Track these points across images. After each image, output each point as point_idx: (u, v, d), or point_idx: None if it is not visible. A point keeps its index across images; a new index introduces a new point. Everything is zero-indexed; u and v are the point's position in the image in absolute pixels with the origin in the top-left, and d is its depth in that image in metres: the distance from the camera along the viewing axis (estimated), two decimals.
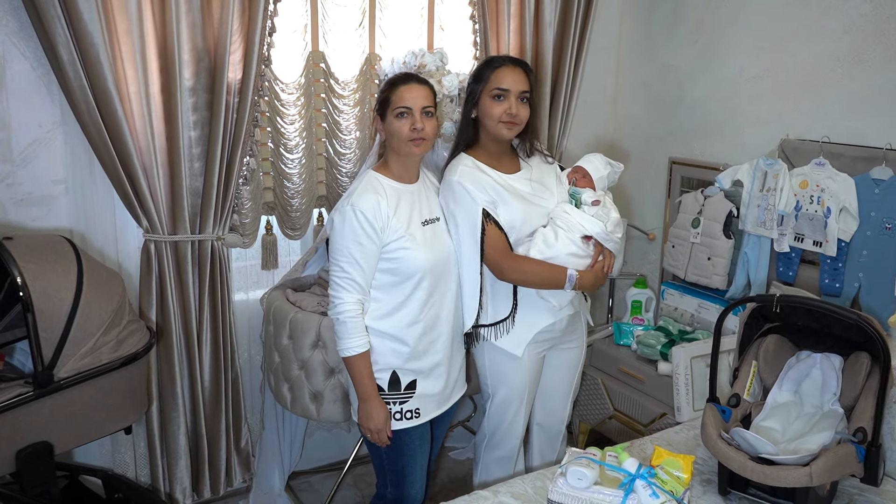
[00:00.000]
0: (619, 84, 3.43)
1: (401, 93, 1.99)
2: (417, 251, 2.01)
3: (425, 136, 2.00)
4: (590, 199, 2.21)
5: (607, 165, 2.28)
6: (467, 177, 2.13)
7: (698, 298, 2.93)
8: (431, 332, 2.10)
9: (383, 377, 2.06)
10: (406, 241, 1.99)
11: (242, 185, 2.50)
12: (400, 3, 2.72)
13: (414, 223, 2.04)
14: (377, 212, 1.95)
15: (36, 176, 2.29)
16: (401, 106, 1.98)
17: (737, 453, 1.77)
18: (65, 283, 1.87)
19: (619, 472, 1.71)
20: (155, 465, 2.56)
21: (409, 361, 2.07)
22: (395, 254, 1.99)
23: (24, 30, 2.16)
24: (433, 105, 2.04)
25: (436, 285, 2.08)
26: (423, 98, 2.00)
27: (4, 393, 1.81)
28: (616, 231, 2.20)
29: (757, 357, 2.09)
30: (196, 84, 2.33)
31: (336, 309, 1.97)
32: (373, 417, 2.02)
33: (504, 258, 2.15)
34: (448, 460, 3.20)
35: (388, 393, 2.06)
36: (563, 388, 2.48)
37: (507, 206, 2.15)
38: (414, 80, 2.03)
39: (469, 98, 2.18)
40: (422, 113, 1.99)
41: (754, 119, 2.80)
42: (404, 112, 1.98)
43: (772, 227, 2.58)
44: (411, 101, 1.98)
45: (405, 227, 2.00)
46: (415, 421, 2.10)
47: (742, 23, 2.81)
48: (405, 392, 2.08)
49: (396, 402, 2.07)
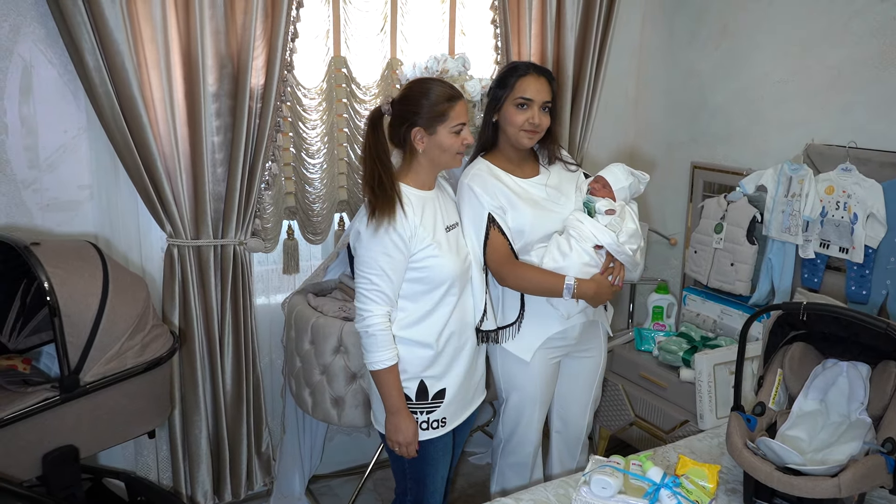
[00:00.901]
0: (640, 88, 3.41)
1: (459, 110, 1.98)
2: (445, 258, 2.00)
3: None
4: (603, 209, 2.19)
5: (629, 176, 2.26)
6: (478, 181, 2.15)
7: (721, 304, 2.91)
8: (460, 337, 2.10)
9: (411, 387, 2.04)
10: (434, 249, 1.98)
11: (264, 189, 2.51)
12: (421, 8, 2.72)
13: (439, 230, 2.03)
14: (404, 221, 1.94)
15: (62, 181, 2.31)
16: (459, 123, 1.98)
17: (763, 463, 1.75)
18: (91, 289, 1.89)
19: (643, 482, 1.69)
20: (177, 469, 2.58)
21: (436, 368, 2.06)
22: (423, 262, 1.97)
23: (51, 37, 2.19)
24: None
25: (462, 291, 2.08)
26: (466, 112, 2.03)
27: (32, 397, 1.83)
28: (630, 242, 2.17)
29: (782, 365, 2.07)
30: (219, 90, 2.35)
31: (364, 322, 1.94)
32: (402, 431, 1.99)
33: (504, 265, 2.15)
34: (467, 465, 3.19)
35: (415, 402, 2.04)
36: (580, 397, 2.47)
37: (516, 212, 2.15)
38: (461, 96, 2.03)
39: (492, 103, 2.18)
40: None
41: (779, 124, 2.77)
42: (460, 129, 1.99)
43: (797, 233, 2.55)
44: (465, 117, 2.00)
45: (432, 235, 1.99)
46: (441, 430, 2.09)
47: (767, 27, 2.78)
48: (433, 401, 2.06)
49: (423, 411, 2.06)
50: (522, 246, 2.18)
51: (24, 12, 2.15)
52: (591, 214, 2.19)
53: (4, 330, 2.11)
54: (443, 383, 2.07)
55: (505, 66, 2.25)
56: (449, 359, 2.08)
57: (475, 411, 2.26)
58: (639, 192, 2.30)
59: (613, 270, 2.18)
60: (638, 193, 2.30)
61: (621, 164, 2.29)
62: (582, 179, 2.30)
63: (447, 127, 1.96)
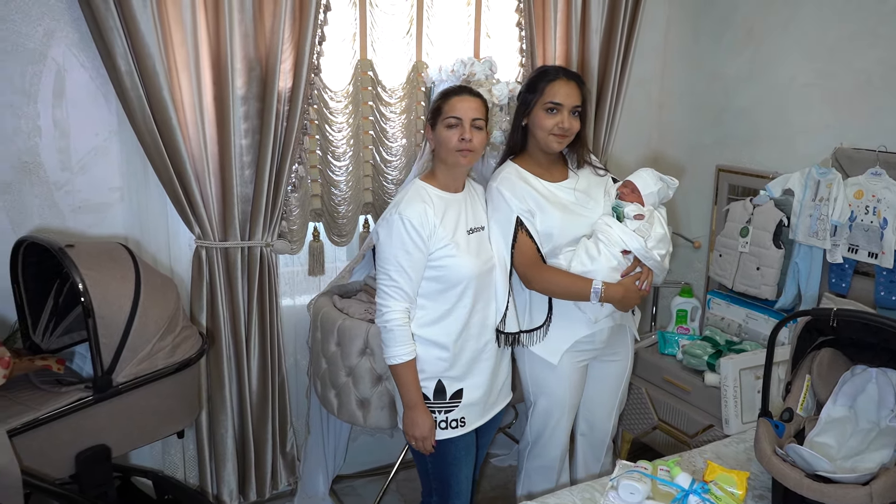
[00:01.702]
0: (664, 91, 3.40)
1: (453, 103, 2.01)
2: (462, 259, 2.02)
3: (472, 148, 2.01)
4: (632, 213, 2.19)
5: (658, 181, 2.25)
6: (506, 184, 2.16)
7: (746, 308, 2.89)
8: (479, 338, 2.12)
9: (429, 386, 2.07)
10: (451, 249, 2.01)
11: (291, 192, 2.53)
12: (447, 12, 2.73)
13: (459, 231, 2.05)
14: (424, 220, 1.97)
15: (93, 183, 2.35)
16: (451, 116, 2.00)
17: (792, 470, 1.73)
18: (124, 290, 1.91)
19: (671, 487, 1.69)
20: (203, 468, 2.60)
21: (455, 369, 2.08)
22: (440, 262, 2.01)
23: (84, 41, 2.22)
24: (484, 118, 2.04)
25: (481, 293, 2.10)
26: (473, 110, 2.01)
27: (66, 397, 1.85)
28: (658, 248, 2.17)
29: (810, 371, 2.05)
30: (247, 93, 2.37)
31: (383, 317, 1.99)
32: (418, 425, 2.03)
33: (531, 268, 2.16)
34: (490, 467, 3.20)
35: (433, 402, 2.07)
36: (607, 401, 2.47)
37: (545, 215, 2.16)
38: (467, 92, 2.05)
39: (521, 107, 2.19)
40: (471, 125, 2.00)
41: (806, 127, 2.75)
42: (454, 122, 2.00)
43: (824, 238, 2.53)
44: (462, 112, 2.00)
45: (451, 236, 2.02)
46: (460, 430, 2.10)
47: (793, 30, 2.76)
48: (451, 401, 2.09)
49: (441, 411, 2.08)
50: (550, 249, 2.18)
51: (57, 17, 2.18)
52: (620, 219, 2.19)
53: (38, 330, 2.14)
54: (461, 384, 2.10)
55: (535, 71, 2.25)
56: (467, 360, 2.10)
57: (500, 413, 2.27)
58: (668, 196, 2.29)
59: (641, 275, 2.17)
60: (667, 198, 2.29)
61: (650, 169, 2.28)
62: (610, 184, 2.30)
63: (442, 121, 2.01)
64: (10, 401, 1.85)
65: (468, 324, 2.08)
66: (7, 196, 2.22)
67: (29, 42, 2.16)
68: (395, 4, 2.61)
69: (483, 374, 2.15)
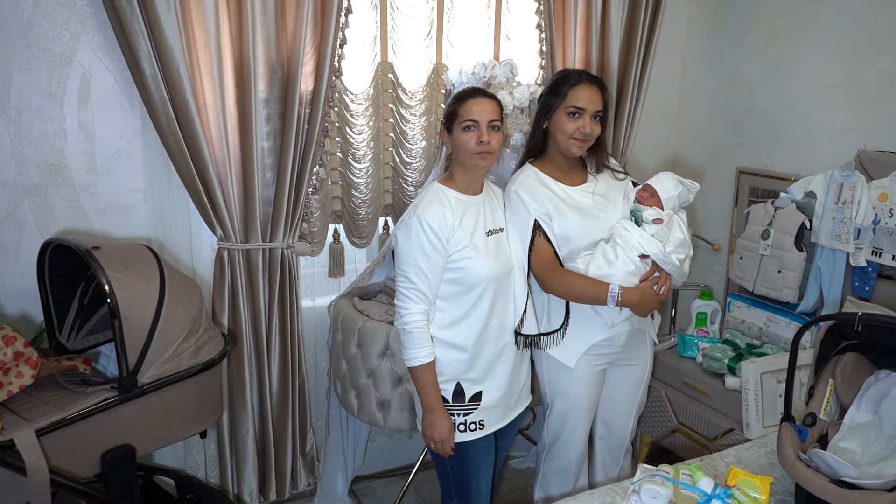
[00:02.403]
0: (684, 92, 3.38)
1: (468, 106, 2.01)
2: (480, 261, 2.02)
3: (491, 150, 2.02)
4: (651, 218, 2.19)
5: (678, 185, 2.24)
6: (525, 187, 2.16)
7: (767, 312, 2.87)
8: (498, 341, 2.12)
9: (448, 388, 2.08)
10: (470, 252, 2.01)
11: (312, 194, 2.54)
12: (467, 14, 2.73)
13: (478, 234, 2.06)
14: (442, 223, 1.98)
15: (117, 185, 2.37)
16: (468, 119, 2.00)
17: (817, 476, 1.72)
18: (149, 292, 1.93)
19: (693, 492, 1.69)
20: (224, 467, 2.63)
21: (474, 372, 2.09)
22: (459, 264, 2.01)
23: (109, 44, 2.24)
24: (499, 119, 2.05)
25: (500, 295, 2.10)
26: (489, 112, 2.01)
27: (92, 397, 1.88)
28: (677, 252, 2.16)
29: (834, 375, 2.04)
30: (269, 96, 2.38)
31: (402, 319, 2.00)
32: (437, 428, 2.03)
33: (548, 271, 2.16)
34: (508, 469, 3.20)
35: (452, 404, 2.08)
36: (625, 404, 2.47)
37: (563, 218, 2.15)
38: (481, 94, 2.05)
39: (542, 109, 2.19)
40: (488, 126, 2.00)
41: (829, 129, 2.73)
42: (471, 125, 2.00)
43: (848, 241, 2.51)
44: (479, 115, 2.00)
45: (469, 238, 2.02)
46: (479, 433, 2.11)
47: (817, 30, 2.74)
48: (469, 404, 2.10)
49: (461, 413, 2.09)
50: (568, 253, 2.18)
51: (84, 21, 2.21)
52: (639, 223, 2.18)
53: (63, 330, 2.17)
54: (480, 386, 2.10)
55: (557, 74, 2.25)
56: (486, 363, 2.10)
57: (520, 415, 2.27)
58: (688, 201, 2.28)
59: (659, 280, 2.17)
60: (687, 202, 2.28)
61: (670, 173, 2.27)
62: (630, 187, 2.30)
63: (459, 125, 2.00)
64: (37, 400, 1.88)
65: (487, 326, 2.08)
66: (34, 198, 2.25)
67: (56, 46, 2.19)
68: (415, 7, 2.62)
69: (502, 376, 2.15)
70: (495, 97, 2.08)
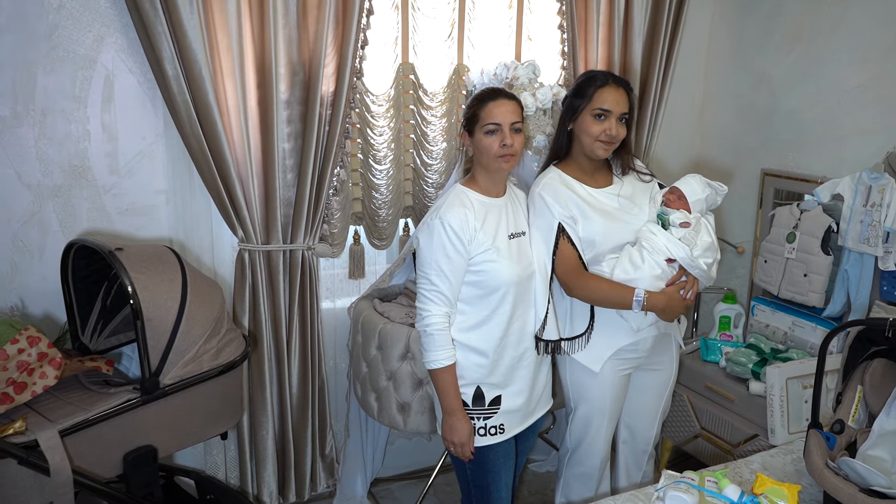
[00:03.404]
0: (707, 93, 3.34)
1: (490, 109, 1.98)
2: (502, 264, 2.00)
3: (514, 152, 1.99)
4: (678, 221, 2.15)
5: (706, 188, 2.20)
6: (549, 189, 2.14)
7: (792, 316, 2.83)
8: (518, 345, 2.10)
9: (468, 392, 2.06)
10: (492, 255, 1.99)
11: (333, 195, 2.54)
12: (489, 15, 2.71)
13: (500, 237, 2.03)
14: (465, 225, 1.96)
15: (139, 186, 2.38)
16: (490, 122, 1.97)
17: (846, 484, 1.69)
18: (171, 293, 1.94)
19: (719, 500, 1.65)
20: (244, 469, 2.63)
21: (495, 376, 2.07)
22: (480, 266, 1.99)
23: (132, 47, 2.25)
24: (521, 120, 2.02)
25: (521, 299, 2.08)
26: (511, 113, 1.98)
27: (115, 398, 1.88)
28: (704, 256, 2.13)
29: (862, 382, 2.00)
30: (291, 97, 2.38)
31: (424, 321, 1.98)
32: (456, 431, 2.02)
33: (572, 275, 2.14)
34: (527, 472, 3.18)
35: (472, 408, 2.06)
36: (649, 410, 2.44)
37: (588, 221, 2.13)
38: (503, 96, 2.02)
39: (568, 111, 2.16)
40: (511, 129, 1.98)
41: (856, 131, 2.68)
42: (494, 129, 1.97)
43: (876, 244, 2.46)
44: (501, 117, 1.97)
45: (491, 241, 2.00)
46: (499, 437, 2.09)
47: (844, 30, 2.70)
48: (489, 408, 2.08)
49: (481, 417, 2.07)
50: (593, 256, 2.16)
51: (108, 23, 2.22)
52: (665, 227, 2.14)
53: (86, 331, 2.18)
54: (500, 390, 2.08)
55: (583, 75, 2.22)
56: (507, 367, 2.08)
57: (540, 419, 2.25)
58: (716, 203, 2.24)
59: (686, 284, 2.14)
60: (715, 205, 2.24)
61: (698, 176, 2.24)
62: (656, 190, 2.26)
63: (480, 128, 1.98)
64: (60, 401, 1.89)
65: (508, 330, 2.06)
66: (57, 199, 2.27)
67: (80, 48, 2.20)
68: (436, 8, 2.61)
69: (522, 381, 2.13)
70: (516, 97, 2.05)
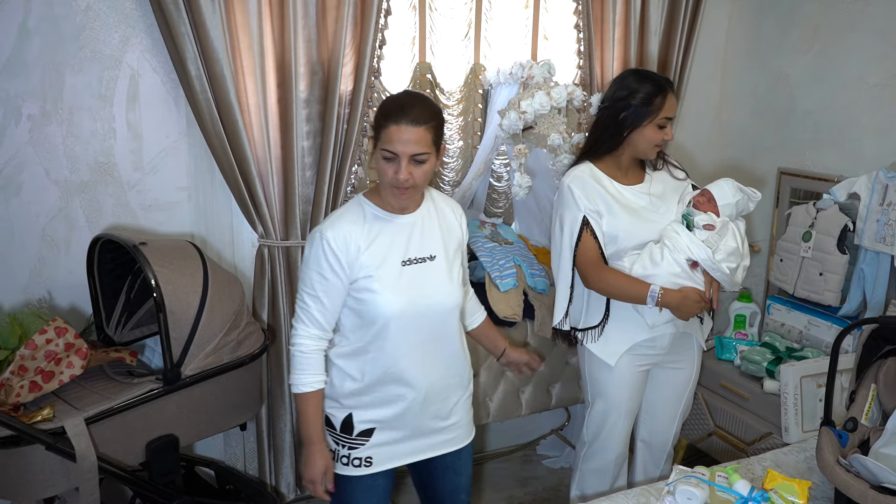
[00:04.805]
0: (724, 92, 3.34)
1: (390, 134, 1.66)
2: (384, 295, 1.73)
3: (411, 185, 1.70)
4: (702, 223, 2.16)
5: (738, 192, 2.20)
6: (578, 182, 2.15)
7: (808, 315, 2.83)
8: (399, 383, 1.80)
9: (338, 416, 1.84)
10: (370, 283, 1.73)
11: (351, 193, 2.58)
12: (505, 14, 2.75)
13: (389, 262, 1.76)
14: (346, 243, 1.72)
15: (163, 183, 2.44)
16: (386, 149, 1.68)
17: (857, 481, 1.69)
18: (193, 287, 1.99)
19: (729, 494, 1.67)
20: (262, 460, 2.68)
21: (371, 411, 1.82)
22: (360, 294, 1.75)
23: (157, 47, 2.31)
24: (429, 150, 1.69)
25: (411, 334, 1.78)
26: (414, 144, 1.66)
27: (138, 388, 1.94)
28: (728, 261, 2.12)
29: (876, 380, 2.00)
30: (310, 96, 2.42)
31: (292, 340, 1.80)
32: (308, 466, 1.80)
33: (591, 268, 2.16)
34: (541, 468, 3.20)
35: (338, 433, 1.84)
36: (668, 408, 2.44)
37: (613, 218, 2.15)
38: (407, 121, 1.65)
39: (632, 119, 2.12)
40: (410, 161, 1.67)
41: (874, 129, 2.68)
42: (390, 157, 1.68)
43: (892, 243, 2.46)
44: (399, 147, 1.66)
45: (375, 266, 1.74)
46: (363, 470, 1.84)
47: (863, 28, 2.69)
48: (358, 437, 1.83)
49: (345, 445, 1.84)
50: (615, 252, 2.18)
51: (133, 24, 2.28)
52: (690, 227, 2.16)
53: (111, 323, 2.24)
54: (374, 424, 1.83)
55: (643, 81, 2.13)
56: (389, 405, 1.82)
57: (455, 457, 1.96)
58: (748, 209, 2.24)
59: (706, 286, 2.15)
60: (746, 211, 2.24)
61: (730, 180, 2.23)
62: (689, 191, 2.28)
63: (379, 148, 1.70)
64: (86, 390, 1.94)
65: (396, 368, 1.78)
66: (84, 195, 2.33)
67: (106, 48, 2.26)
68: (453, 8, 2.64)
69: (409, 422, 1.84)
70: (431, 121, 1.70)
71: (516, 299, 2.44)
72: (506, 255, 2.53)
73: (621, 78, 2.19)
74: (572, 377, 2.67)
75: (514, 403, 2.56)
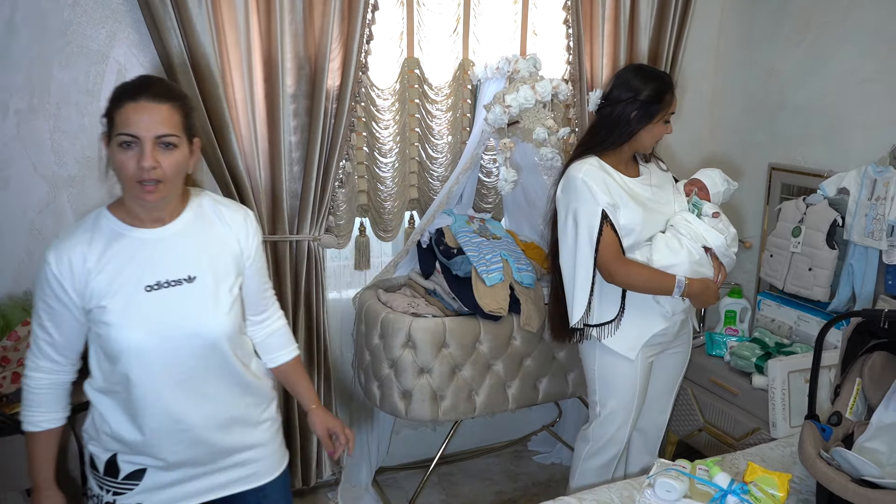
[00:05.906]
0: (716, 88, 3.34)
1: (126, 113, 1.37)
2: (122, 330, 1.44)
3: (161, 178, 1.40)
4: (710, 211, 2.22)
5: (725, 181, 2.30)
6: (592, 176, 2.12)
7: (798, 310, 2.82)
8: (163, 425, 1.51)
9: (102, 456, 1.56)
10: (104, 314, 1.44)
11: (338, 187, 2.58)
12: (494, 10, 2.74)
13: (128, 287, 1.45)
14: (69, 267, 1.43)
15: None
16: (124, 132, 1.37)
17: (838, 474, 1.69)
18: None
19: (709, 487, 1.67)
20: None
21: (136, 455, 1.55)
22: (96, 328, 1.47)
23: (143, 42, 2.31)
24: (176, 133, 1.42)
25: (165, 372, 1.48)
26: (159, 123, 1.38)
27: None
28: (733, 246, 2.21)
29: (861, 374, 2.00)
30: (297, 91, 2.43)
31: (24, 373, 1.53)
32: None
33: (614, 262, 2.13)
34: (531, 464, 3.20)
35: (102, 476, 1.56)
36: (664, 392, 2.46)
37: (628, 210, 2.15)
38: (148, 96, 1.39)
39: (642, 116, 2.13)
40: (156, 144, 1.39)
41: (863, 124, 2.67)
42: (129, 141, 1.38)
43: (881, 238, 2.45)
44: (140, 128, 1.37)
45: (111, 293, 1.44)
46: None
47: (853, 22, 2.68)
48: (125, 481, 1.56)
49: (110, 490, 1.55)
50: (630, 245, 2.18)
51: (119, 19, 2.28)
52: (699, 216, 2.22)
53: None
54: (143, 465, 1.55)
55: (649, 79, 2.15)
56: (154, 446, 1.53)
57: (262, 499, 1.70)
58: (727, 199, 2.34)
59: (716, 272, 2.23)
60: (727, 200, 2.34)
61: (717, 169, 2.33)
62: (673, 181, 2.34)
63: (115, 137, 1.40)
64: None
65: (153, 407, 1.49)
66: (72, 189, 2.34)
67: (93, 43, 2.27)
68: (442, 3, 2.64)
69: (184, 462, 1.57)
70: (178, 98, 1.45)
71: (502, 293, 2.44)
72: (493, 249, 2.53)
73: (624, 76, 2.19)
74: (559, 372, 2.67)
75: (500, 398, 2.55)
